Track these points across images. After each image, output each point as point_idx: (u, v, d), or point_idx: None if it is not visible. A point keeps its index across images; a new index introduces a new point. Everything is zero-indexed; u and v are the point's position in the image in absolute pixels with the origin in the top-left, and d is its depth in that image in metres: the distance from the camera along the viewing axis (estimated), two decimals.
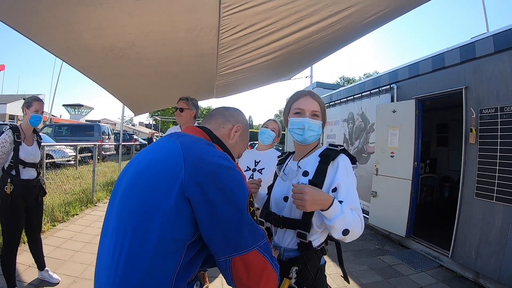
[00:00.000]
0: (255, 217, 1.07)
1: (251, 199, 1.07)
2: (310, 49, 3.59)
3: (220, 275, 4.02)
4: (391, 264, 4.73)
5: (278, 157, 1.91)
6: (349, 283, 1.75)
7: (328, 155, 1.51)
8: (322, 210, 1.35)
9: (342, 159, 1.49)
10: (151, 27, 2.66)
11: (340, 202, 1.38)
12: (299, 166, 1.62)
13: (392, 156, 5.88)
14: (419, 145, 5.48)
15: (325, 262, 1.60)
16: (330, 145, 1.57)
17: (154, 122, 25.44)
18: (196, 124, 3.29)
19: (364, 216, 5.61)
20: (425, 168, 8.00)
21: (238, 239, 1.00)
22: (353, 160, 1.54)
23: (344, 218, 1.33)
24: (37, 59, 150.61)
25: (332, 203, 1.33)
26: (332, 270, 4.16)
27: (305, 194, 1.31)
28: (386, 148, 6.04)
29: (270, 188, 1.77)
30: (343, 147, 1.55)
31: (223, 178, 1.02)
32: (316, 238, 1.50)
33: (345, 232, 1.34)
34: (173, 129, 3.70)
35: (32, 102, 3.14)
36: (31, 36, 2.57)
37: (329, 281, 3.67)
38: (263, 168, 2.98)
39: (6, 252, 3.10)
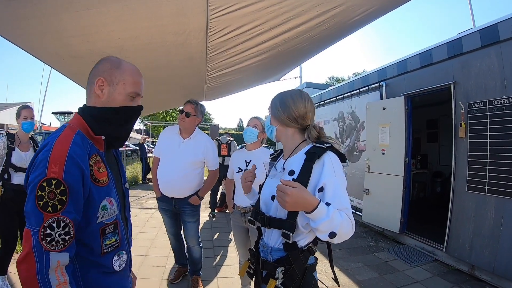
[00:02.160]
0: (44, 201, 1.11)
1: (44, 183, 1.13)
2: (299, 49, 3.59)
3: (215, 278, 4.01)
4: (386, 260, 4.77)
5: (271, 155, 1.89)
6: (339, 286, 1.72)
7: (314, 153, 1.44)
8: (306, 212, 1.30)
9: (329, 157, 1.42)
10: (139, 32, 2.64)
11: (328, 204, 1.32)
12: (283, 167, 1.59)
13: (383, 153, 5.93)
14: (409, 141, 5.53)
15: (316, 261, 1.55)
16: (317, 142, 1.51)
17: (144, 127, 25.18)
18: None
19: (357, 214, 5.58)
20: (416, 164, 8.07)
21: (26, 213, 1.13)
22: (342, 158, 1.46)
23: (330, 222, 1.26)
24: (25, 67, 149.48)
25: (317, 207, 1.26)
26: (328, 269, 4.16)
27: (287, 196, 1.26)
28: (377, 145, 6.09)
29: (261, 187, 1.76)
30: (330, 144, 1.47)
31: (35, 160, 1.19)
32: (302, 238, 1.46)
33: (332, 235, 1.28)
34: (170, 129, 3.67)
35: (21, 111, 3.40)
36: (20, 43, 2.53)
37: (324, 279, 3.69)
38: (255, 168, 2.96)
39: (3, 252, 3.31)
